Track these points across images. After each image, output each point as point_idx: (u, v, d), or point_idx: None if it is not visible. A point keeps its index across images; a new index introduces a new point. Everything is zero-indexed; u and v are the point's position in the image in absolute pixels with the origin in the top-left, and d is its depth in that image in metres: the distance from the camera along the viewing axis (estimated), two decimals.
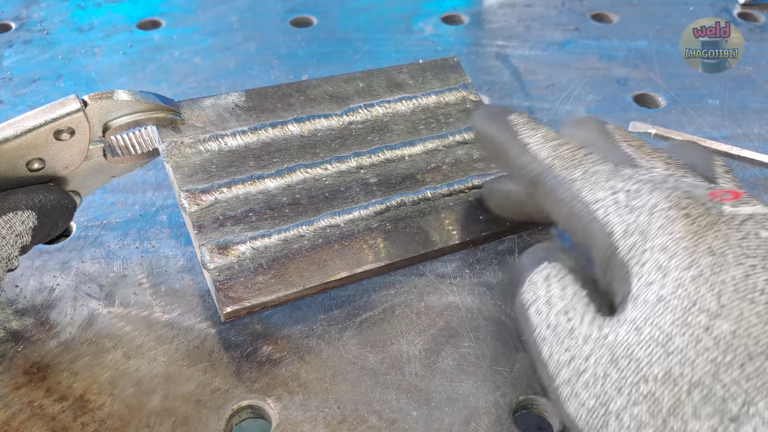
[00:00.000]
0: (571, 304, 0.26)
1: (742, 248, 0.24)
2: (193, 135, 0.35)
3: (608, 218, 0.26)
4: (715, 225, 0.25)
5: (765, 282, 0.23)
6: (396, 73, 0.42)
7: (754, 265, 0.23)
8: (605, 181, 0.28)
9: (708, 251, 0.24)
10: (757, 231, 0.25)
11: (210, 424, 0.30)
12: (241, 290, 0.32)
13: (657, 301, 0.24)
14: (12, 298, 0.35)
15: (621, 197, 0.27)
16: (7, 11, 0.61)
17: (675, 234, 0.25)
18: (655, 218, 0.25)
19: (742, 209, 0.26)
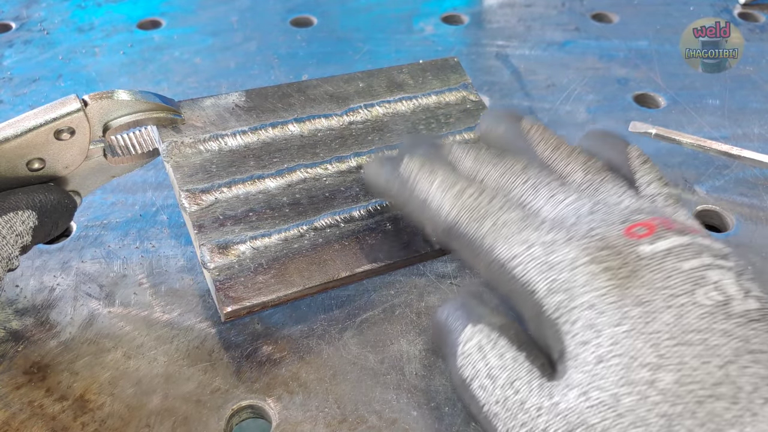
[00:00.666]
0: (515, 373, 0.25)
1: (667, 289, 0.24)
2: (193, 135, 0.35)
3: (529, 276, 0.26)
4: (637, 272, 0.24)
5: (697, 318, 0.23)
6: (396, 73, 0.42)
7: (683, 304, 0.23)
8: (517, 234, 0.26)
9: (635, 302, 0.24)
10: (679, 265, 0.24)
11: (210, 424, 0.30)
12: (241, 290, 0.32)
13: (597, 362, 0.23)
14: (12, 297, 0.35)
15: (537, 251, 0.26)
16: (7, 11, 0.61)
17: (600, 290, 0.24)
18: (577, 275, 0.25)
19: (659, 245, 0.25)
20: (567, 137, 0.32)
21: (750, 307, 0.23)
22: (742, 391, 0.21)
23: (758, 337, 0.23)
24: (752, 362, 0.22)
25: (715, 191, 0.43)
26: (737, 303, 0.23)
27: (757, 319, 0.23)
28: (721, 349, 0.22)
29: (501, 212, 0.27)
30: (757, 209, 0.42)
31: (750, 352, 0.22)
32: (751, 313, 0.23)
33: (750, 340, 0.22)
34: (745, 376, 0.22)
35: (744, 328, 0.23)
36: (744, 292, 0.24)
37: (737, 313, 0.23)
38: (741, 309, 0.23)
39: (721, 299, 0.23)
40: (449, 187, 0.28)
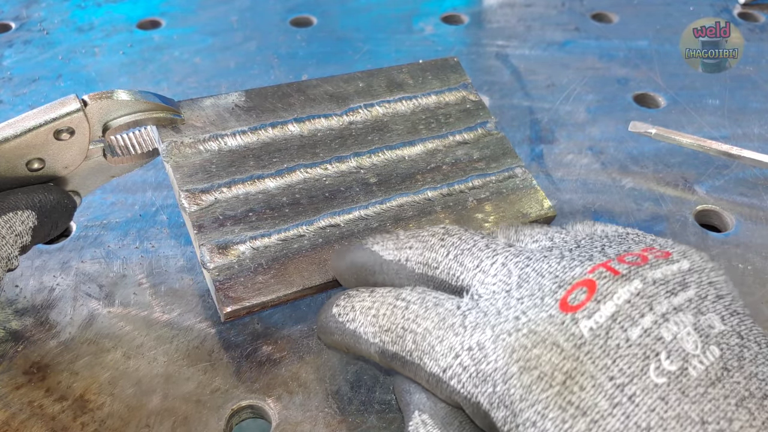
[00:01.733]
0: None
1: (614, 380, 0.22)
2: (193, 135, 0.35)
3: (466, 389, 0.24)
4: (577, 369, 0.22)
5: (647, 412, 0.21)
6: (396, 73, 0.42)
7: (633, 396, 0.21)
8: (439, 344, 0.24)
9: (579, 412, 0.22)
10: (626, 336, 0.22)
11: (210, 424, 0.30)
12: (241, 290, 0.32)
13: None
14: (12, 298, 0.35)
15: (465, 360, 0.24)
16: (7, 11, 0.61)
17: (538, 405, 0.22)
18: (512, 388, 0.23)
19: (602, 311, 0.23)
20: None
21: (708, 363, 0.22)
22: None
23: (717, 411, 0.21)
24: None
25: (715, 191, 0.43)
26: (695, 364, 0.22)
27: (715, 380, 0.21)
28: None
29: (418, 322, 0.25)
30: (757, 209, 0.42)
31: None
32: (710, 372, 0.22)
33: (707, 419, 0.21)
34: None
35: (700, 404, 0.21)
36: (703, 338, 0.22)
37: (694, 383, 0.21)
38: (699, 373, 0.22)
39: (676, 369, 0.22)
40: (366, 313, 0.27)
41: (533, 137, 0.47)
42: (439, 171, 0.38)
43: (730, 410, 0.21)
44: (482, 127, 0.41)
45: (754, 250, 0.39)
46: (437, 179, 0.38)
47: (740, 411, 0.21)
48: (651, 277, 0.24)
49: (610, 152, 0.46)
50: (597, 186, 0.43)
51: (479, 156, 0.40)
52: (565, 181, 0.44)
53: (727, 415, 0.21)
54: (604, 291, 0.23)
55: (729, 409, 0.21)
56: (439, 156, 0.39)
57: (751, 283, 0.37)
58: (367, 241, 0.30)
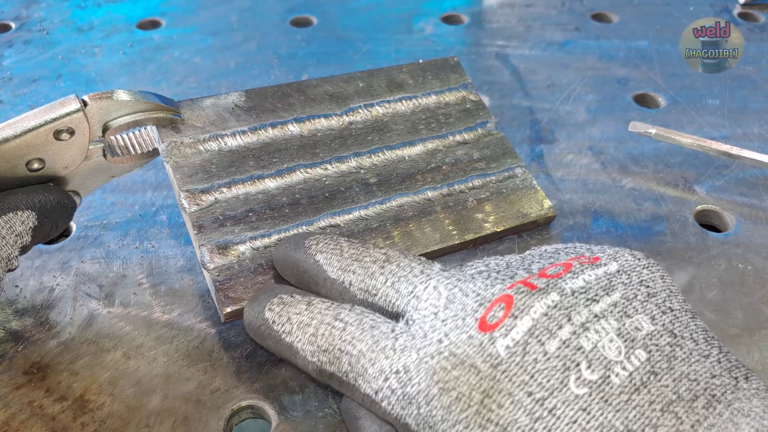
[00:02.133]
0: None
1: (532, 395, 0.22)
2: (193, 135, 0.35)
3: (395, 411, 0.24)
4: (494, 388, 0.22)
5: (569, 424, 0.21)
6: (396, 73, 0.42)
7: (553, 409, 0.21)
8: (370, 366, 0.25)
9: (499, 429, 0.22)
10: (543, 349, 0.22)
11: (210, 424, 0.30)
12: (241, 290, 0.32)
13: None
14: (12, 298, 0.35)
15: (393, 383, 0.24)
16: (7, 11, 0.61)
17: (459, 425, 0.22)
18: (433, 410, 0.23)
19: (518, 327, 0.23)
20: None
21: (632, 368, 0.22)
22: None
23: (642, 417, 0.21)
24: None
25: (715, 191, 0.43)
26: (617, 371, 0.22)
27: (640, 386, 0.21)
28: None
29: (353, 344, 0.26)
30: (757, 209, 0.42)
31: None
32: (634, 378, 0.21)
33: (631, 427, 0.21)
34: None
35: (624, 412, 0.21)
36: (629, 343, 0.22)
37: (617, 390, 0.21)
38: (621, 379, 0.21)
39: (597, 378, 0.21)
40: (305, 326, 0.27)
41: (533, 137, 0.47)
42: (439, 171, 0.38)
43: (654, 416, 0.21)
44: (482, 127, 0.41)
45: (754, 250, 0.39)
46: (437, 179, 0.38)
47: (666, 416, 0.21)
48: (569, 288, 0.24)
49: (610, 152, 0.46)
50: (597, 186, 0.43)
51: (479, 156, 0.40)
52: (565, 181, 0.44)
53: (651, 421, 0.21)
54: (520, 306, 0.23)
55: (654, 416, 0.21)
56: (439, 156, 0.39)
57: (751, 283, 0.37)
58: (310, 246, 0.30)
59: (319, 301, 0.28)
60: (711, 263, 0.38)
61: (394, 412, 0.24)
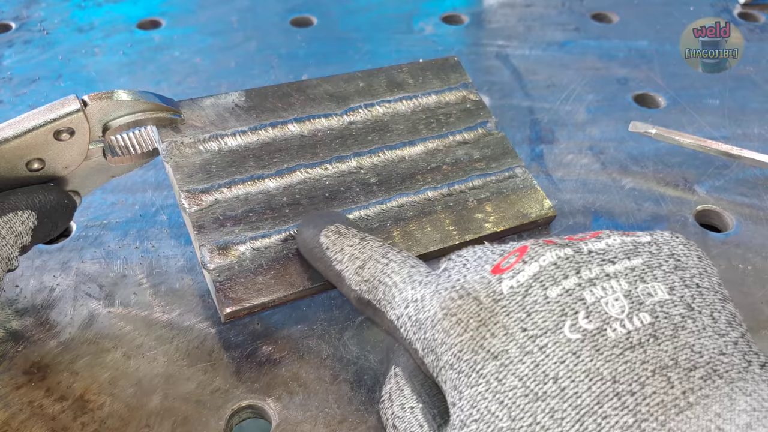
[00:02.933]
0: (408, 426, 0.26)
1: (526, 331, 0.22)
2: (193, 135, 0.35)
3: (409, 336, 0.26)
4: (491, 319, 0.23)
5: (557, 363, 0.21)
6: (396, 73, 0.42)
7: (543, 347, 0.22)
8: (399, 294, 0.27)
9: (490, 356, 0.22)
10: (544, 293, 0.23)
11: (210, 424, 0.30)
12: (241, 291, 0.32)
13: (460, 427, 0.23)
14: (12, 298, 0.35)
15: (411, 310, 0.26)
16: (7, 11, 0.61)
17: (454, 348, 0.23)
18: (436, 333, 0.24)
19: (526, 271, 0.24)
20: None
21: (632, 327, 0.22)
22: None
23: (631, 373, 0.21)
24: (616, 409, 0.20)
25: (715, 191, 0.43)
26: (615, 327, 0.22)
27: (636, 344, 0.21)
28: (580, 399, 0.21)
29: (392, 276, 0.28)
30: (757, 209, 0.42)
31: (616, 394, 0.20)
32: (632, 336, 0.21)
33: (618, 380, 0.21)
34: (605, 428, 0.20)
35: (614, 363, 0.21)
36: (635, 305, 0.22)
37: (610, 343, 0.21)
38: (618, 335, 0.21)
39: (593, 328, 0.22)
40: (355, 259, 0.29)
41: (533, 137, 0.47)
42: (439, 171, 0.38)
43: (644, 375, 0.21)
44: (482, 127, 0.41)
45: (754, 250, 0.39)
46: (437, 179, 0.38)
47: (656, 378, 0.20)
48: (588, 248, 0.24)
49: (610, 152, 0.46)
50: (597, 186, 0.43)
51: (479, 156, 0.40)
52: (565, 181, 0.44)
53: (640, 379, 0.21)
54: (532, 254, 0.24)
55: (644, 374, 0.21)
56: (440, 156, 0.39)
57: (751, 283, 0.37)
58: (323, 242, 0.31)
59: (372, 239, 0.30)
60: None
61: (408, 337, 0.26)
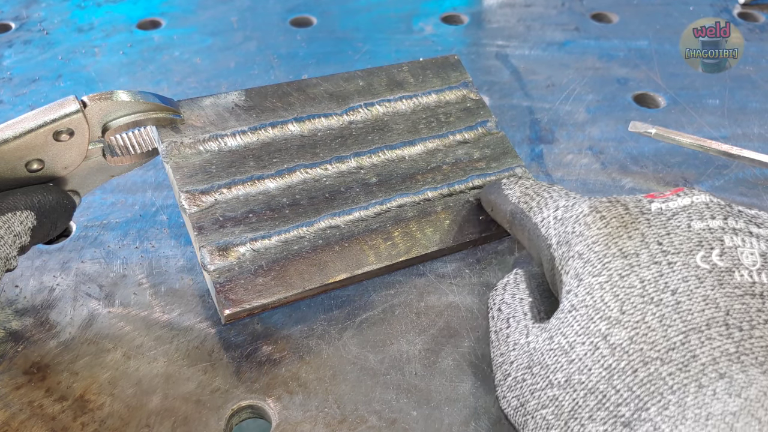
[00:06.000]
0: (513, 312, 0.27)
1: (661, 245, 0.24)
2: (192, 135, 0.35)
3: (549, 232, 0.28)
4: (633, 224, 0.25)
5: (681, 280, 0.23)
6: (396, 72, 0.42)
7: (672, 263, 0.23)
8: (553, 202, 0.29)
9: (620, 254, 0.24)
10: (689, 223, 0.24)
11: (210, 424, 0.30)
12: (241, 292, 0.32)
13: (569, 310, 0.24)
14: (12, 298, 0.35)
15: (560, 212, 0.28)
16: (7, 11, 0.61)
17: (589, 239, 0.25)
18: (578, 226, 0.26)
19: (678, 201, 0.25)
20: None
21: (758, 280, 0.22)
22: (696, 360, 0.21)
23: (745, 313, 0.22)
24: (721, 335, 0.21)
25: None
26: (743, 273, 0.23)
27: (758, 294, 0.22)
28: (692, 316, 0.22)
29: (549, 192, 0.30)
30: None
31: (725, 324, 0.21)
32: (755, 288, 0.22)
33: (731, 314, 0.22)
34: (707, 347, 0.21)
35: (732, 299, 0.22)
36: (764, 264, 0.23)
37: (734, 284, 0.22)
38: (743, 280, 0.22)
39: (723, 266, 0.23)
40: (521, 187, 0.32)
41: (533, 137, 0.47)
42: (439, 171, 0.38)
43: (757, 320, 0.22)
44: (482, 126, 0.41)
45: None
46: (437, 179, 0.38)
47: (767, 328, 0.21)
48: (738, 207, 0.26)
49: (610, 152, 0.46)
50: (597, 186, 0.43)
51: (480, 155, 0.40)
52: (565, 181, 0.44)
53: (752, 321, 0.21)
54: (688, 192, 0.26)
55: (757, 319, 0.22)
56: (440, 156, 0.39)
57: None
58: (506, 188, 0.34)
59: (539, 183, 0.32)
60: None
61: (547, 233, 0.28)
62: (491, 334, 0.28)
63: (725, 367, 0.21)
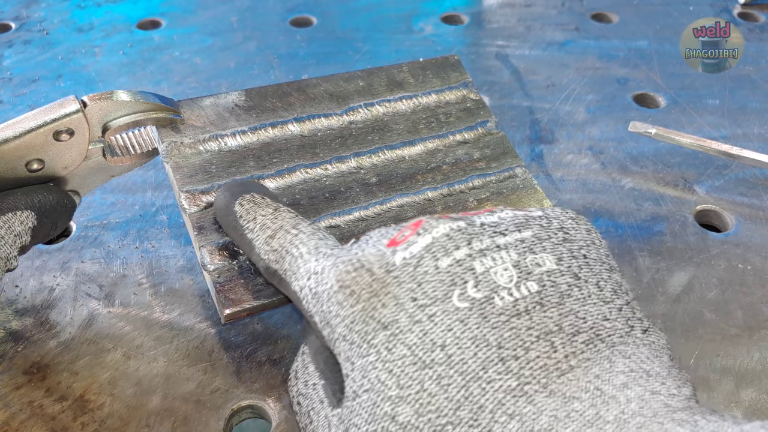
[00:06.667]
0: (311, 403, 0.26)
1: (416, 301, 0.23)
2: (192, 135, 0.35)
3: (309, 309, 0.26)
4: (383, 290, 0.23)
5: (445, 330, 0.22)
6: (396, 72, 0.42)
7: (432, 315, 0.22)
8: (303, 266, 0.27)
9: (380, 326, 0.23)
10: (435, 264, 0.23)
11: (210, 424, 0.30)
12: (242, 292, 0.32)
13: (353, 398, 0.23)
14: (12, 298, 0.35)
15: (312, 282, 0.26)
16: (7, 11, 0.61)
17: (347, 320, 0.24)
18: (332, 305, 0.24)
19: (419, 243, 0.24)
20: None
21: (519, 296, 0.22)
22: (483, 410, 0.20)
23: (516, 339, 0.21)
24: (500, 373, 0.21)
25: (715, 191, 0.43)
26: (503, 295, 0.22)
27: (523, 312, 0.22)
28: (466, 365, 0.21)
29: (299, 246, 0.27)
30: (757, 209, 0.42)
31: (501, 359, 0.21)
32: (519, 304, 0.22)
33: (504, 345, 0.21)
34: (489, 392, 0.21)
35: (500, 329, 0.22)
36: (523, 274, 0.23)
37: (498, 311, 0.22)
38: (505, 303, 0.22)
39: (481, 296, 0.22)
40: (266, 229, 0.29)
41: (533, 137, 0.47)
42: (439, 171, 0.38)
43: (529, 341, 0.21)
44: (482, 126, 0.41)
45: (754, 250, 0.39)
46: (437, 179, 0.38)
47: (540, 343, 0.21)
48: (480, 221, 0.25)
49: (610, 152, 0.46)
50: (597, 186, 0.43)
51: (479, 156, 0.40)
52: (565, 181, 0.44)
53: (525, 344, 0.21)
54: (426, 227, 0.25)
55: (528, 340, 0.21)
56: (440, 156, 0.39)
57: (751, 283, 0.37)
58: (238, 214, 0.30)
59: (285, 210, 0.30)
60: (711, 263, 0.38)
61: (309, 309, 0.26)
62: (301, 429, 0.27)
63: (512, 405, 0.20)
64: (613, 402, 0.20)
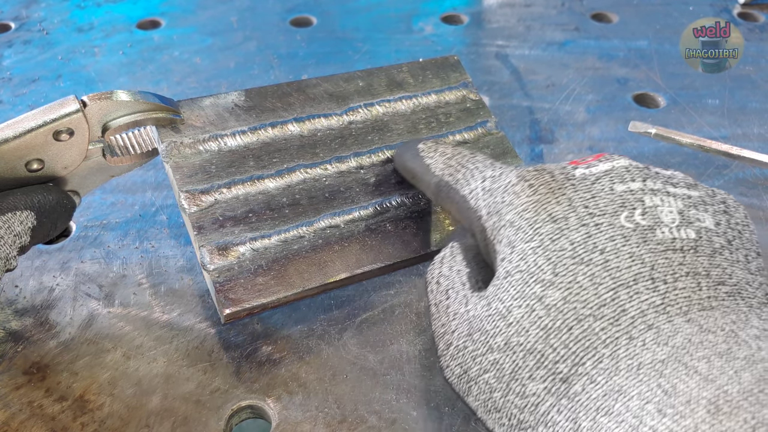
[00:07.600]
0: (451, 283, 0.28)
1: (588, 208, 0.25)
2: (192, 135, 0.35)
3: (478, 204, 0.28)
4: (560, 190, 0.25)
5: (607, 239, 0.24)
6: (396, 72, 0.42)
7: (599, 224, 0.24)
8: (478, 173, 0.30)
9: (550, 219, 0.25)
10: (611, 186, 0.25)
11: (210, 424, 0.30)
12: (241, 292, 0.32)
13: (504, 277, 0.25)
14: (12, 298, 0.35)
15: (487, 183, 0.28)
16: (7, 11, 0.61)
17: (519, 207, 0.26)
18: (506, 196, 0.27)
19: (599, 167, 0.26)
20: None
21: (678, 236, 0.24)
22: (626, 314, 0.22)
23: (668, 267, 0.23)
24: (648, 289, 0.22)
25: None
26: (664, 230, 0.24)
27: (678, 249, 0.23)
28: (620, 272, 0.23)
29: (476, 162, 0.31)
30: (757, 209, 0.42)
31: (651, 279, 0.23)
32: (676, 243, 0.24)
33: (656, 268, 0.23)
34: (635, 301, 0.22)
35: (656, 255, 0.23)
36: (685, 221, 0.24)
37: (657, 240, 0.23)
38: (664, 237, 0.24)
39: (646, 224, 0.24)
40: (445, 155, 0.32)
41: (533, 137, 0.47)
42: None
43: (679, 273, 0.23)
44: (482, 127, 0.41)
45: None
46: None
47: (689, 278, 0.23)
48: (656, 169, 0.27)
49: (610, 152, 0.46)
50: None
51: None
52: None
53: (675, 274, 0.23)
54: (608, 157, 0.27)
55: (679, 272, 0.23)
56: None
57: None
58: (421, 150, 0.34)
59: (463, 148, 0.33)
60: None
61: (477, 205, 0.28)
62: (431, 307, 0.28)
63: (653, 318, 0.22)
64: (744, 345, 0.21)
